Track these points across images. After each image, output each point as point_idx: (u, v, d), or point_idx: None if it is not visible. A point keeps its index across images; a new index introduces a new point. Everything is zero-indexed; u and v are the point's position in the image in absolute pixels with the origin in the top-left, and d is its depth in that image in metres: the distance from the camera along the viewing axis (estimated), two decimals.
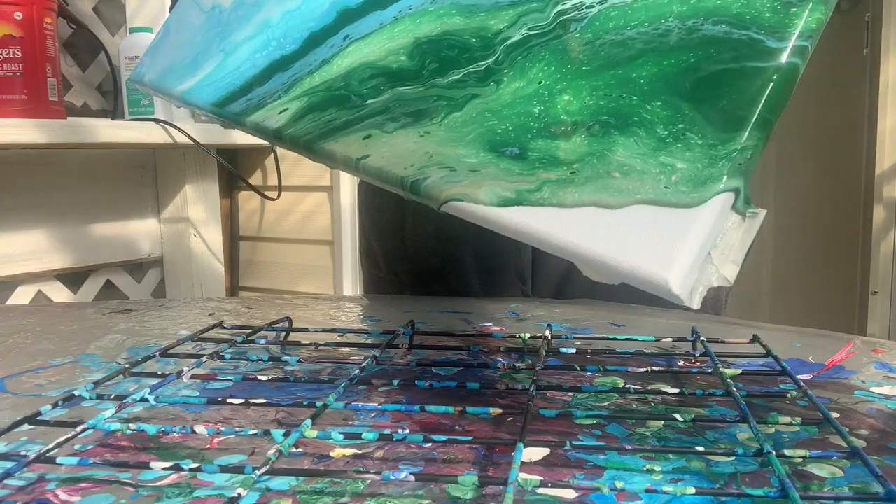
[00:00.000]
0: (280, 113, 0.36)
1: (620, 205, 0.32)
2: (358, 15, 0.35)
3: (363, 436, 0.35)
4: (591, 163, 0.33)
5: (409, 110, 0.35)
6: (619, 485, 0.31)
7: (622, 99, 0.34)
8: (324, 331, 0.58)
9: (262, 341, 0.55)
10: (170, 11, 0.40)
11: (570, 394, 0.44)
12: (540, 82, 0.34)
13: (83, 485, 0.33)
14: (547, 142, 0.34)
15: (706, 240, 0.32)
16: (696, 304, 0.32)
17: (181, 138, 1.66)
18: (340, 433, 0.35)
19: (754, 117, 0.33)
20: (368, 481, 0.33)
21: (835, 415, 0.38)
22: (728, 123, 0.33)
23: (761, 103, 0.33)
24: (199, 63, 0.37)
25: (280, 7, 0.36)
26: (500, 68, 0.34)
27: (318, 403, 0.39)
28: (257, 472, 0.31)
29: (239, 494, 0.29)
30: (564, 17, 0.34)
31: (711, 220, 0.32)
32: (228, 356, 0.49)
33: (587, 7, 0.34)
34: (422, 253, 0.77)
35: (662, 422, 0.40)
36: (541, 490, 0.32)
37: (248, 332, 0.54)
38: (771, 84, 0.33)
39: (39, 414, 0.38)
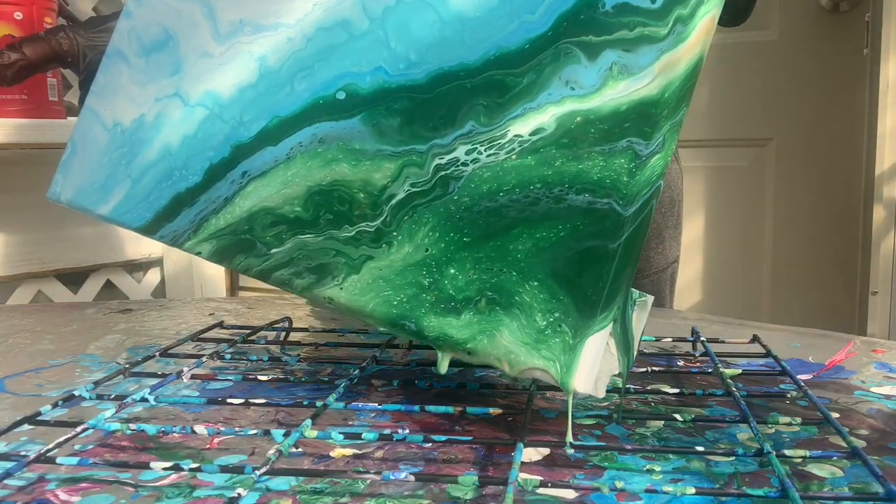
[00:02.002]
0: (198, 253, 0.37)
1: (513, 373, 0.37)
2: (251, 150, 0.36)
3: (363, 436, 0.35)
4: (482, 342, 0.37)
5: (312, 265, 0.37)
6: (619, 485, 0.31)
7: (503, 274, 0.36)
8: (324, 331, 0.58)
9: (262, 341, 0.55)
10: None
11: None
12: (427, 250, 0.36)
13: (83, 485, 0.33)
14: (440, 319, 0.37)
15: (594, 356, 0.36)
16: (600, 393, 0.36)
17: None
18: (340, 433, 0.35)
19: (603, 299, 0.36)
20: (368, 481, 0.33)
21: (835, 415, 0.38)
22: (589, 308, 0.36)
23: (608, 283, 0.36)
24: (108, 189, 0.37)
25: (178, 132, 0.36)
26: (390, 230, 0.36)
27: (318, 403, 0.39)
28: (257, 472, 0.31)
29: (239, 494, 0.29)
30: (443, 174, 0.35)
31: (593, 351, 0.36)
32: (228, 356, 0.49)
33: (462, 164, 0.35)
34: None
35: (662, 422, 0.40)
36: (541, 490, 0.32)
37: (248, 332, 0.54)
38: (616, 259, 0.36)
39: (39, 414, 0.38)
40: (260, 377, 0.46)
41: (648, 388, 0.44)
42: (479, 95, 0.35)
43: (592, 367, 0.36)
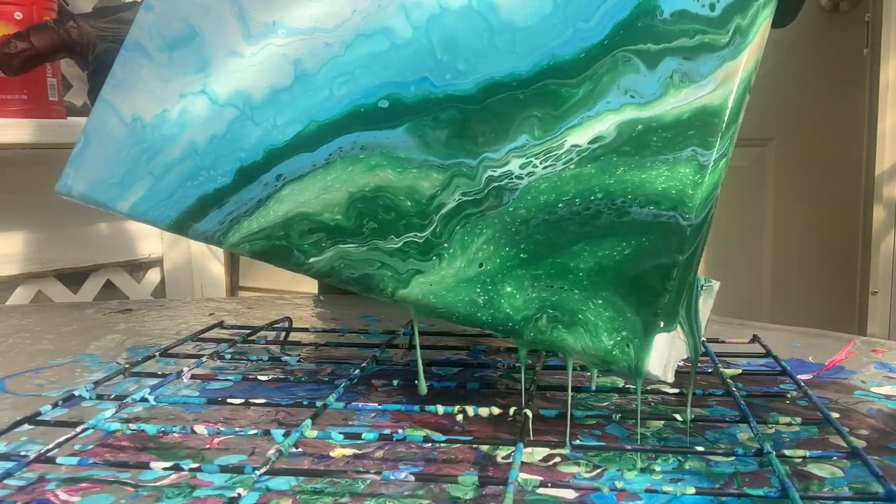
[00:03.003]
0: (243, 254, 0.36)
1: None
2: (286, 154, 0.34)
3: (363, 436, 0.35)
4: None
5: (356, 275, 0.35)
6: (619, 485, 0.31)
7: (564, 292, 0.34)
8: (324, 331, 0.58)
9: (262, 341, 0.55)
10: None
11: (571, 394, 0.44)
12: (481, 265, 0.35)
13: (83, 485, 0.33)
14: (500, 335, 0.36)
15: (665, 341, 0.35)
16: (670, 378, 0.35)
17: None
18: (340, 433, 0.35)
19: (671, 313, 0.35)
20: (368, 481, 0.33)
21: (835, 415, 0.38)
22: (656, 325, 0.34)
23: (676, 297, 0.35)
24: (127, 184, 0.35)
25: (206, 131, 0.35)
26: (440, 241, 0.35)
27: (318, 403, 0.39)
28: (257, 472, 0.31)
29: (239, 494, 0.29)
30: (496, 185, 0.34)
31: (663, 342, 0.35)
32: (228, 356, 0.49)
33: (517, 177, 0.34)
34: None
35: (662, 422, 0.40)
36: (541, 490, 0.32)
37: (248, 332, 0.54)
38: (682, 272, 0.35)
39: (39, 414, 0.38)
40: (260, 377, 0.46)
41: (648, 387, 0.44)
42: (533, 106, 0.34)
43: (663, 353, 0.34)
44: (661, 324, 0.34)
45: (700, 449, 0.35)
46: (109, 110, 0.36)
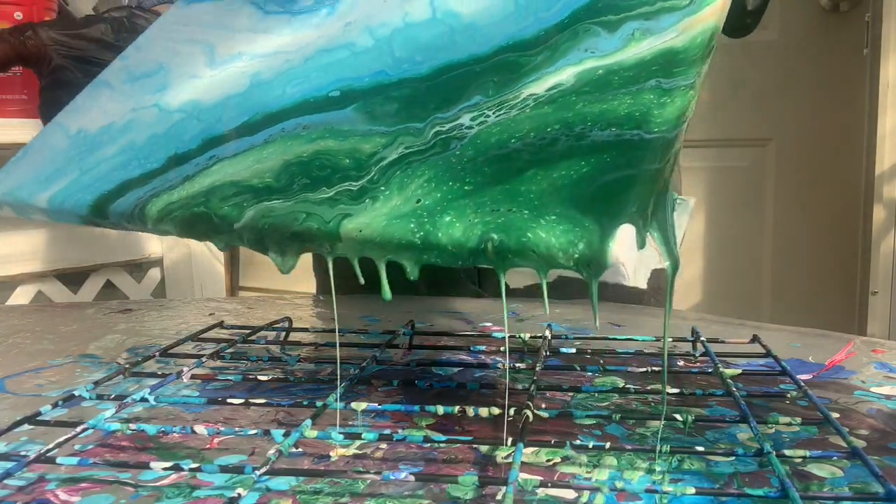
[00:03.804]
0: (161, 232, 0.34)
1: None
2: (225, 140, 0.34)
3: (363, 436, 0.35)
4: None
5: (282, 237, 0.33)
6: (619, 485, 0.31)
7: (511, 213, 0.31)
8: (324, 331, 0.58)
9: (262, 341, 0.55)
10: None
11: (570, 394, 0.44)
12: (418, 200, 0.32)
13: (83, 485, 0.33)
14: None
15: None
16: (641, 283, 0.33)
17: None
18: (340, 433, 0.35)
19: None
20: (368, 481, 0.33)
21: (835, 415, 0.38)
22: (610, 233, 0.31)
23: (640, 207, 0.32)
24: (51, 180, 0.35)
25: (147, 131, 0.34)
26: (376, 186, 0.33)
27: (318, 403, 0.39)
28: (257, 472, 0.31)
29: (239, 494, 0.29)
30: (443, 136, 0.33)
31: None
32: (228, 356, 0.49)
33: (466, 128, 0.33)
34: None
35: (662, 422, 0.40)
36: (541, 490, 0.32)
37: (248, 332, 0.54)
38: (649, 183, 0.32)
39: (39, 414, 0.38)
40: (260, 377, 0.46)
41: (648, 387, 0.44)
42: (490, 74, 0.33)
43: (630, 248, 0.31)
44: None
45: (700, 449, 0.35)
46: (57, 128, 0.36)
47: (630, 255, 0.31)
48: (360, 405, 0.39)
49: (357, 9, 0.35)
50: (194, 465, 0.32)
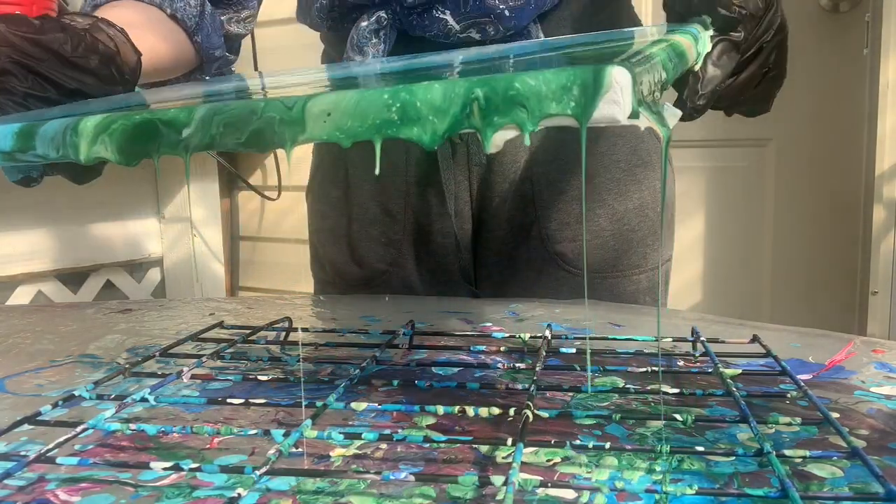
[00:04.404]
0: (94, 159, 0.32)
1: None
2: None
3: (363, 436, 0.35)
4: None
5: (241, 138, 0.31)
6: (619, 485, 0.31)
7: (496, 67, 0.30)
8: (324, 331, 0.58)
9: (262, 341, 0.55)
10: None
11: (570, 394, 0.44)
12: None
13: (83, 485, 0.33)
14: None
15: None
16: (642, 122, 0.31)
17: None
18: (340, 433, 0.35)
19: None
20: (368, 481, 0.33)
21: (835, 415, 0.38)
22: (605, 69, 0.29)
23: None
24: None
25: None
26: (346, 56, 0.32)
27: (318, 403, 0.39)
28: (257, 472, 0.31)
29: (239, 494, 0.29)
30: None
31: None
32: (228, 356, 0.49)
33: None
34: (367, 257, 0.79)
35: (662, 422, 0.40)
36: (541, 490, 0.32)
37: (248, 332, 0.54)
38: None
39: (39, 414, 0.38)
40: (260, 377, 0.46)
41: (648, 387, 0.44)
42: None
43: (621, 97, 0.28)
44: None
45: (700, 449, 0.35)
46: None
47: (625, 83, 0.28)
48: (360, 405, 0.39)
49: None
50: (194, 465, 0.32)
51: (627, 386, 0.45)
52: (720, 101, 0.46)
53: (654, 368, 0.47)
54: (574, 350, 0.50)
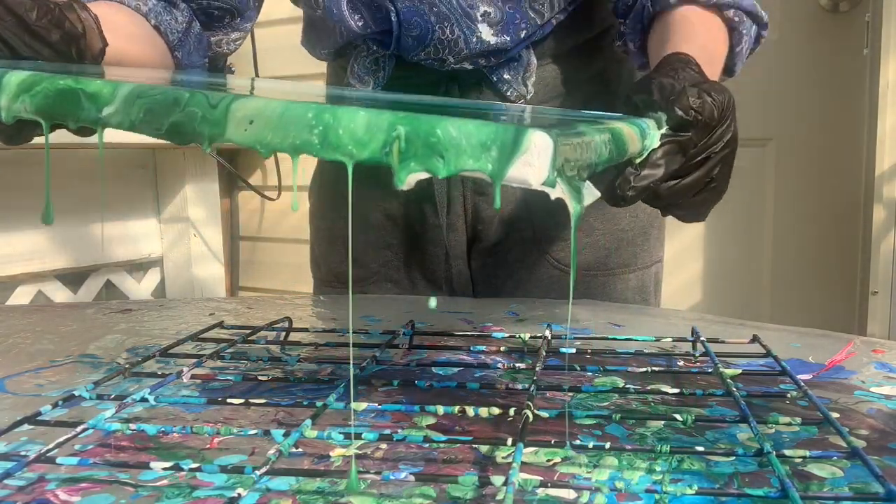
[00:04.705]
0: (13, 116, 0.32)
1: None
2: None
3: (363, 436, 0.35)
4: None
5: (161, 128, 0.30)
6: (619, 485, 0.31)
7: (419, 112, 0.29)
8: (324, 331, 0.58)
9: (262, 341, 0.55)
10: None
11: (570, 394, 0.44)
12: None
13: (83, 485, 0.33)
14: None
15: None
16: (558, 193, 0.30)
17: None
18: (340, 433, 0.35)
19: None
20: (368, 481, 0.33)
21: (835, 415, 0.38)
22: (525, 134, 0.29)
23: None
24: None
25: None
26: None
27: (318, 403, 0.39)
28: (257, 472, 0.31)
29: (239, 494, 0.29)
30: None
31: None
32: (228, 356, 0.49)
33: None
34: (362, 258, 0.80)
35: (662, 422, 0.40)
36: (541, 490, 0.32)
37: (248, 332, 0.54)
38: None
39: (39, 414, 0.38)
40: (260, 377, 0.46)
41: (648, 387, 0.44)
42: None
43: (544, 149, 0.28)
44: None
45: (700, 449, 0.35)
46: None
47: (544, 148, 0.28)
48: (360, 405, 0.39)
49: None
50: (194, 465, 0.32)
51: (627, 386, 0.45)
52: (658, 199, 0.46)
53: (653, 368, 0.47)
54: (574, 350, 0.50)
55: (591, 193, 0.37)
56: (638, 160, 0.43)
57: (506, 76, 0.71)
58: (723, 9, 0.62)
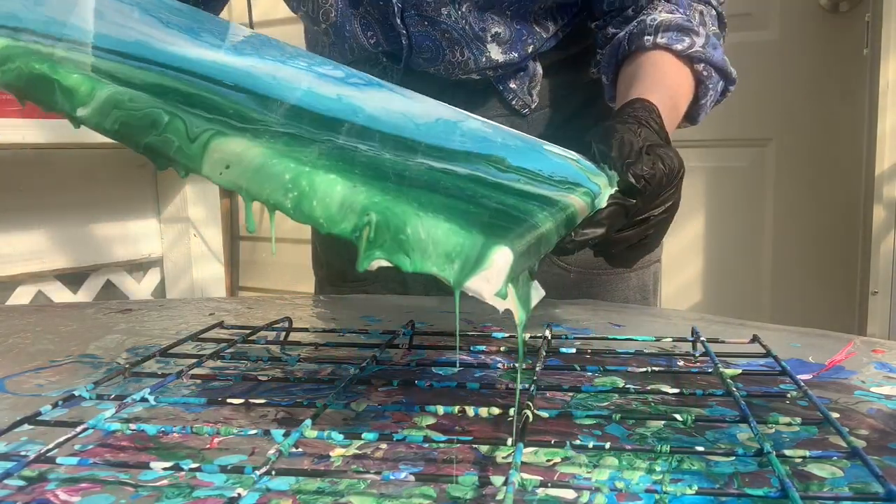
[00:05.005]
0: None
1: None
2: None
3: (363, 436, 0.35)
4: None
5: (142, 141, 0.30)
6: (619, 485, 0.31)
7: (401, 194, 0.31)
8: (324, 331, 0.58)
9: (262, 341, 0.55)
10: None
11: (570, 394, 0.44)
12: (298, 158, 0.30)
13: (83, 485, 0.33)
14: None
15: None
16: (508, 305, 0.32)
17: None
18: (340, 433, 0.35)
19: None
20: (368, 481, 0.33)
21: (835, 415, 0.38)
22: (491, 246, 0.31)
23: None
24: None
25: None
26: (266, 126, 0.31)
27: (318, 403, 0.39)
28: (257, 472, 0.31)
29: (239, 494, 0.29)
30: (339, 145, 0.32)
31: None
32: (228, 356, 0.49)
33: (362, 150, 0.33)
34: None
35: (662, 422, 0.40)
36: (541, 490, 0.32)
37: (248, 332, 0.54)
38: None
39: (39, 414, 0.38)
40: (260, 377, 0.46)
41: (648, 387, 0.44)
42: (388, 143, 0.37)
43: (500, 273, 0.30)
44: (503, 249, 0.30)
45: (700, 449, 0.35)
46: None
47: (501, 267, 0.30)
48: (360, 405, 0.40)
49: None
50: (194, 465, 0.32)
51: (627, 386, 0.45)
52: (591, 248, 0.48)
53: (653, 368, 0.47)
54: (574, 350, 0.50)
55: (537, 294, 0.38)
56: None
57: (512, 85, 0.73)
58: (694, 61, 0.64)
